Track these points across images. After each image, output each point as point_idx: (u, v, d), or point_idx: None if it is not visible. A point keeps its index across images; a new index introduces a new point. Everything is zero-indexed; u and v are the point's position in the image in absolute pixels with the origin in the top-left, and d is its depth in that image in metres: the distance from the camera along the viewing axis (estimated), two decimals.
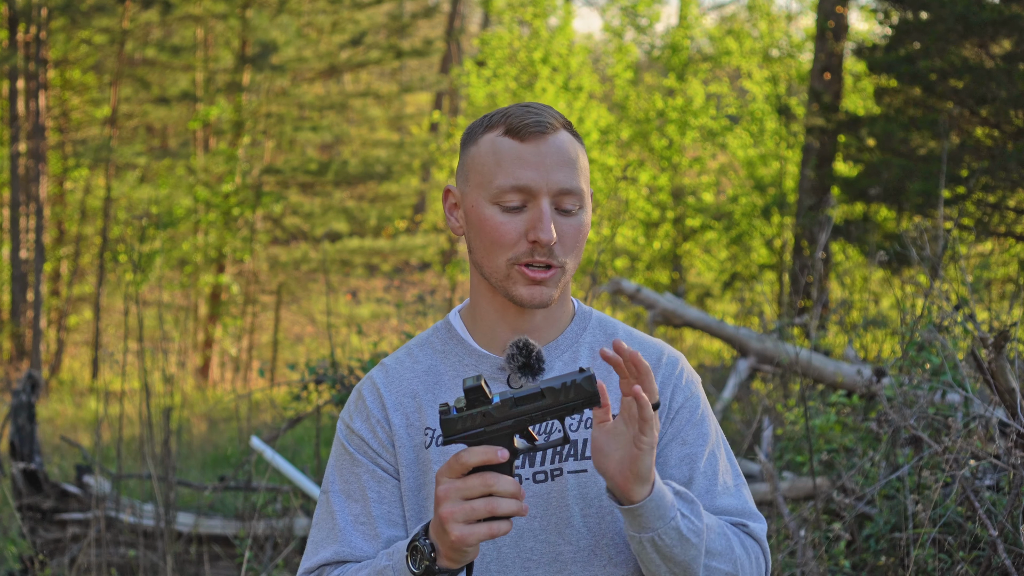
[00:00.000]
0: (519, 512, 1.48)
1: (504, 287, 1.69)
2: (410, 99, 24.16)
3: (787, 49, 16.61)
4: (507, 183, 1.65)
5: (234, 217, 16.85)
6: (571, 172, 1.67)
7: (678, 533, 1.56)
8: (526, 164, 1.65)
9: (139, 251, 7.94)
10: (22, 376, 5.38)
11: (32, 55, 15.23)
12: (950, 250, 5.66)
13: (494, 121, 1.69)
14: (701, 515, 1.60)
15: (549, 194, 1.65)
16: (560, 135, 1.68)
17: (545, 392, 1.50)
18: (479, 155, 1.69)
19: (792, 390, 5.70)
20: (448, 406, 1.51)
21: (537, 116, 1.67)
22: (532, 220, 1.65)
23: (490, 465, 1.49)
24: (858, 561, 3.71)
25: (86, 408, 11.84)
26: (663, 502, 1.55)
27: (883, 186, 8.89)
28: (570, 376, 1.51)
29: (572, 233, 1.68)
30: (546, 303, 1.68)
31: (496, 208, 1.66)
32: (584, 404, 1.51)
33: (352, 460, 1.74)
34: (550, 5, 17.35)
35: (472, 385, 1.50)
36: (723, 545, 1.64)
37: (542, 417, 1.51)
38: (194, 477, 7.40)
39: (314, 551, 1.72)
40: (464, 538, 1.47)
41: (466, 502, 1.47)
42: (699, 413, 1.75)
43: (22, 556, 5.12)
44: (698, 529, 1.59)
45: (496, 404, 1.50)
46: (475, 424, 1.50)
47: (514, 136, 1.66)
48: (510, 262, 1.66)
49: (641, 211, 16.41)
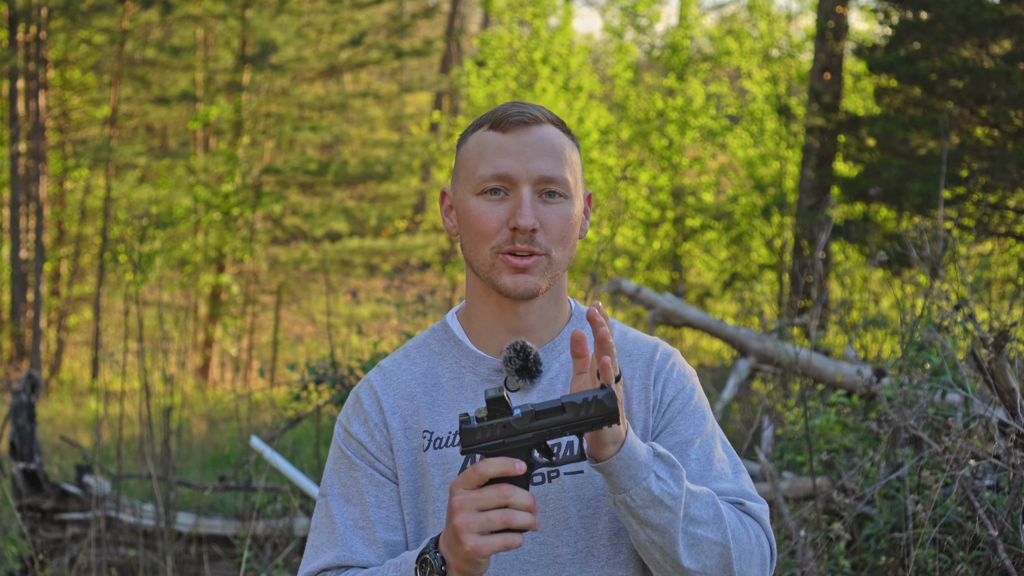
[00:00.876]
0: (533, 526, 1.48)
1: (490, 278, 1.69)
2: (410, 99, 24.15)
3: (787, 49, 16.61)
4: (488, 172, 1.66)
5: (234, 217, 16.84)
6: (553, 161, 1.67)
7: (650, 494, 1.54)
8: (506, 153, 1.66)
9: (139, 251, 7.93)
10: (22, 376, 5.38)
11: (32, 55, 15.22)
12: (950, 250, 5.66)
13: (483, 120, 1.71)
14: (681, 480, 1.57)
15: (530, 182, 1.66)
16: (545, 128, 1.69)
17: (566, 407, 1.50)
18: (467, 152, 1.71)
19: (792, 390, 5.69)
20: (468, 416, 1.51)
21: (521, 109, 1.68)
22: (512, 207, 1.66)
23: (507, 477, 1.49)
24: (858, 561, 3.71)
25: (86, 408, 11.83)
26: (633, 462, 1.54)
27: (883, 186, 8.89)
28: (591, 392, 1.51)
29: (557, 222, 1.67)
30: (531, 293, 1.68)
31: (479, 199, 1.68)
32: (604, 421, 1.50)
33: (350, 464, 1.73)
34: (550, 5, 17.34)
35: (494, 396, 1.50)
36: (710, 514, 1.59)
37: (561, 432, 1.51)
38: (194, 477, 7.40)
39: (314, 555, 1.71)
40: (478, 549, 1.46)
41: (481, 513, 1.47)
42: (691, 405, 1.74)
43: (22, 556, 5.12)
44: (675, 494, 1.56)
45: (517, 416, 1.50)
46: (495, 435, 1.50)
47: (496, 128, 1.68)
48: (494, 251, 1.67)
49: (641, 211, 16.41)
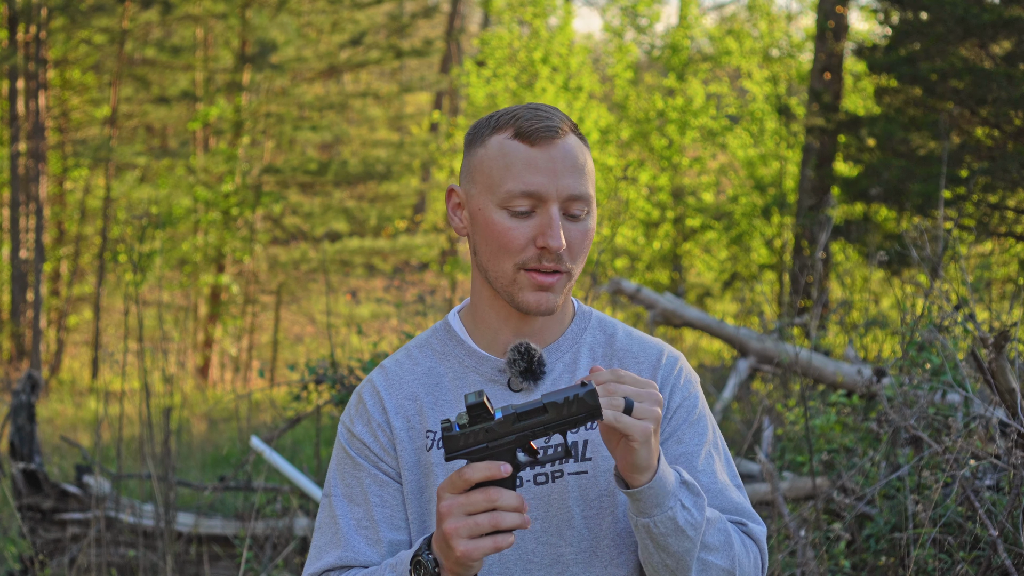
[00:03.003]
0: (522, 525, 1.49)
1: (509, 292, 1.68)
2: (410, 99, 24.16)
3: (787, 49, 16.61)
4: (517, 188, 1.63)
5: (234, 217, 16.84)
6: (580, 178, 1.65)
7: (674, 524, 1.56)
8: (536, 170, 1.63)
9: (139, 251, 7.94)
10: (22, 376, 5.37)
11: (32, 55, 15.22)
12: (950, 250, 5.66)
13: (502, 123, 1.67)
14: (703, 509, 1.60)
15: (559, 200, 1.63)
16: (569, 139, 1.66)
17: (548, 407, 1.50)
18: (487, 157, 1.67)
19: (792, 390, 5.70)
20: (450, 422, 1.51)
21: (547, 120, 1.65)
22: (541, 226, 1.63)
23: (493, 480, 1.49)
24: (858, 561, 3.71)
25: (86, 408, 11.83)
26: (663, 490, 1.55)
27: (883, 186, 8.89)
28: (572, 390, 1.50)
29: (579, 239, 1.66)
30: (551, 310, 1.67)
31: (504, 212, 1.65)
32: (586, 418, 1.50)
33: (354, 464, 1.73)
34: (550, 5, 17.34)
35: (474, 402, 1.49)
36: (721, 540, 1.63)
37: (544, 432, 1.51)
38: (194, 477, 7.39)
39: (318, 556, 1.72)
40: (469, 553, 1.47)
41: (470, 517, 1.47)
42: (696, 413, 1.75)
43: (22, 556, 5.12)
44: (696, 523, 1.58)
45: (499, 420, 1.50)
46: (478, 440, 1.50)
47: (524, 140, 1.64)
48: (517, 267, 1.65)
49: (641, 211, 16.41)
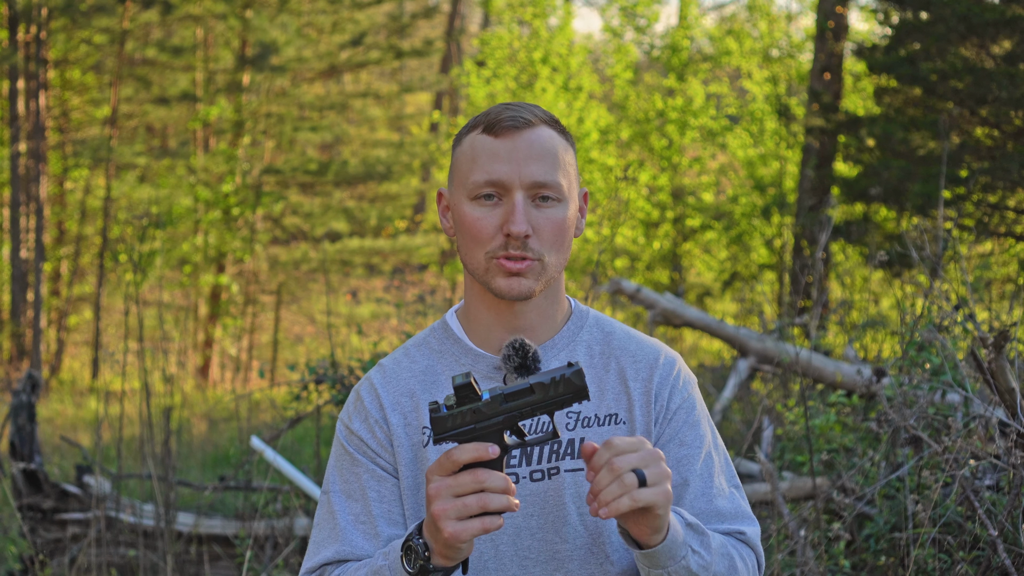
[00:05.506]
0: (510, 507, 1.49)
1: (485, 280, 1.70)
2: (410, 99, 24.14)
3: (787, 49, 16.61)
4: (481, 178, 1.68)
5: (234, 217, 16.84)
6: (547, 165, 1.68)
7: (688, 571, 1.59)
8: (498, 158, 1.67)
9: (139, 251, 7.93)
10: (22, 376, 5.38)
11: (32, 55, 15.22)
12: (950, 250, 5.66)
13: (477, 122, 1.72)
14: (710, 547, 1.62)
15: (522, 187, 1.67)
16: (539, 130, 1.69)
17: (535, 387, 1.50)
18: (461, 155, 1.73)
19: (792, 390, 5.69)
20: (438, 404, 1.51)
21: (514, 112, 1.69)
22: (506, 213, 1.67)
23: (481, 461, 1.49)
24: (858, 561, 3.71)
25: (86, 408, 11.83)
26: (675, 543, 1.57)
27: (883, 186, 8.89)
28: (559, 371, 1.51)
29: (550, 227, 1.68)
30: (525, 295, 1.69)
31: (473, 204, 1.69)
32: (573, 398, 1.51)
33: (352, 460, 1.75)
34: (550, 5, 17.34)
35: (462, 383, 1.49)
36: (725, 566, 1.65)
37: (532, 412, 1.51)
38: (194, 477, 7.39)
39: (316, 551, 1.73)
40: (457, 534, 1.47)
41: (458, 499, 1.48)
42: (695, 415, 1.76)
43: (22, 556, 5.12)
44: (707, 563, 1.61)
45: (486, 400, 1.50)
46: (465, 421, 1.50)
47: (489, 132, 1.69)
48: (488, 256, 1.68)
49: (641, 211, 16.40)
